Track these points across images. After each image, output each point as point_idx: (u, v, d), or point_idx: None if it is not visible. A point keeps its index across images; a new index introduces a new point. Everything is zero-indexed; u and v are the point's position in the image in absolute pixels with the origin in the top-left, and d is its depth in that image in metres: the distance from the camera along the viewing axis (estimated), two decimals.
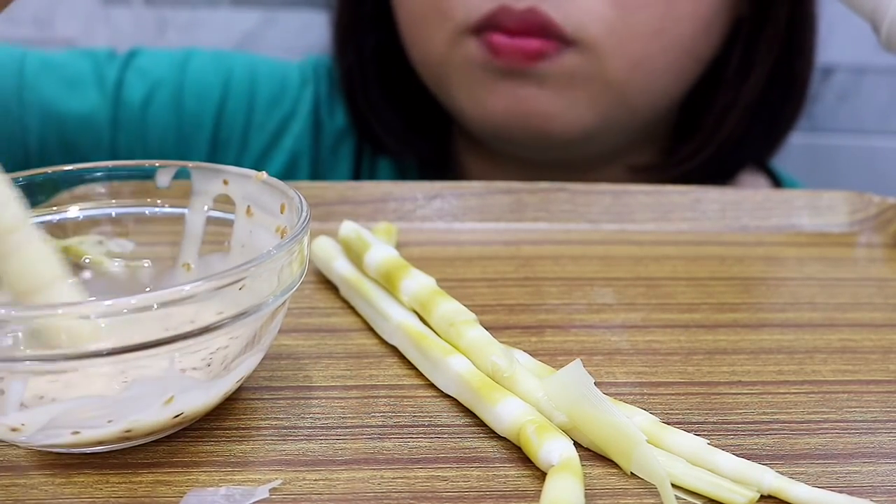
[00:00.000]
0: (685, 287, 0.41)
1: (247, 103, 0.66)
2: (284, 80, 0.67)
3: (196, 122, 0.64)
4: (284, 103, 0.66)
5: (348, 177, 0.67)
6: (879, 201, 0.47)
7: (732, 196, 0.48)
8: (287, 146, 0.66)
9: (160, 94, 0.64)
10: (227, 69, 0.66)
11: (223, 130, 0.65)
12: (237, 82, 0.65)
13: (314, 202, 0.44)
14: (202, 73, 0.65)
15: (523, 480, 0.28)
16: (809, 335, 0.37)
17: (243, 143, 0.65)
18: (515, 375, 0.31)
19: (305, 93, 0.67)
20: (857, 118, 0.83)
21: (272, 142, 0.66)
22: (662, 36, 0.54)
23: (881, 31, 0.44)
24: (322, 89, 0.67)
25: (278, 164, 0.65)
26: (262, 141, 0.66)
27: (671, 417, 0.31)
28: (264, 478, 0.28)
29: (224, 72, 0.65)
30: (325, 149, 0.67)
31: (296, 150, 0.66)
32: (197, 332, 0.27)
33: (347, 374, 0.34)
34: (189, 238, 0.35)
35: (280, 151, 0.66)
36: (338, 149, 0.67)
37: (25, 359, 0.26)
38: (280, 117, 0.66)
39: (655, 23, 0.53)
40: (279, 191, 0.33)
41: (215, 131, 0.65)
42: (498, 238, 0.46)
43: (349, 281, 0.38)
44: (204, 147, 0.65)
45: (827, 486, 0.28)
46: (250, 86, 0.66)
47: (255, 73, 0.66)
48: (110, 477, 0.28)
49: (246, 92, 0.66)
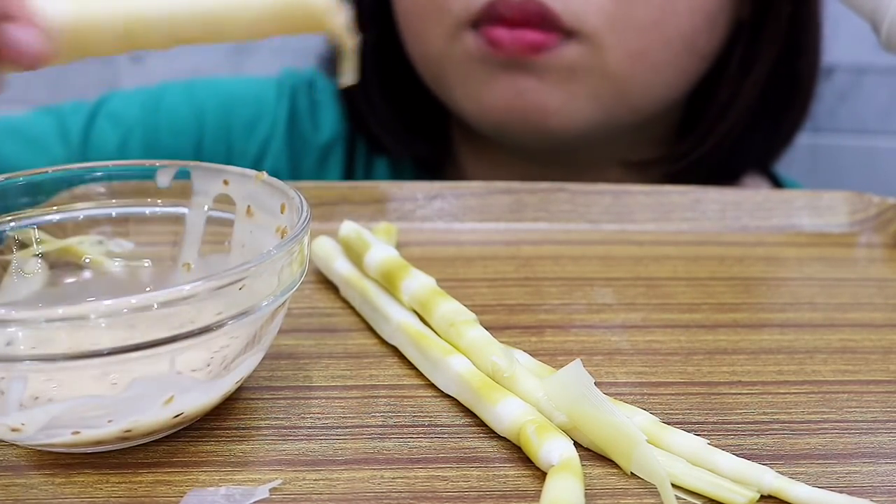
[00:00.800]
0: (685, 287, 0.41)
1: (224, 131, 0.65)
2: (259, 101, 0.66)
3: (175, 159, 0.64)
4: (262, 125, 0.66)
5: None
6: (879, 201, 0.47)
7: (732, 196, 0.48)
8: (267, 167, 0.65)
9: (134, 138, 0.63)
10: (200, 100, 0.65)
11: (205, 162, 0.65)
12: (211, 111, 0.65)
13: (314, 202, 0.44)
14: (175, 108, 0.65)
15: (523, 480, 0.28)
16: (809, 335, 0.37)
17: None
18: (515, 375, 0.31)
19: (280, 108, 0.66)
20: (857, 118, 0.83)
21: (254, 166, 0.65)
22: (662, 28, 0.54)
23: (881, 31, 0.44)
24: (301, 104, 0.67)
25: None
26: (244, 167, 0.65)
27: (671, 417, 0.31)
28: (264, 478, 0.28)
29: (197, 104, 0.65)
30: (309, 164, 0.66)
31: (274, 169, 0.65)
32: (197, 332, 0.27)
33: (347, 374, 0.34)
34: (189, 238, 0.35)
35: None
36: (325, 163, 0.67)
37: (25, 359, 0.26)
38: (259, 140, 0.65)
39: (655, 14, 0.53)
40: (279, 191, 0.33)
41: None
42: (498, 238, 0.46)
43: (349, 281, 0.38)
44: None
45: (827, 486, 0.28)
46: (225, 113, 0.65)
47: (230, 98, 0.66)
48: (110, 477, 0.28)
49: (222, 120, 0.65)
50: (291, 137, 0.66)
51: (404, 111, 0.64)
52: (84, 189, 0.36)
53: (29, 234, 0.35)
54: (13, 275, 0.34)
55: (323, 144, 0.66)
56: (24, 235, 0.35)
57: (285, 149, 0.66)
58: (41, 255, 0.35)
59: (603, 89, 0.55)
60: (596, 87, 0.55)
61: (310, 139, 0.66)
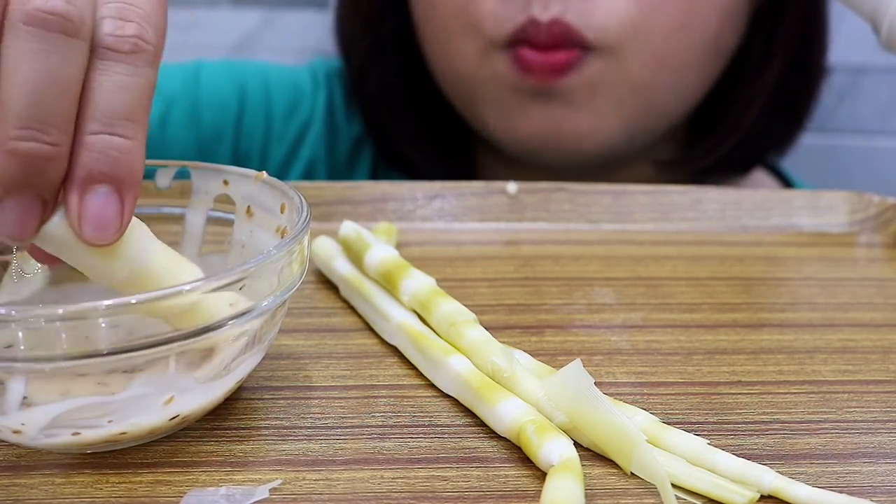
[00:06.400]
0: (685, 287, 0.41)
1: (264, 113, 0.64)
2: (298, 87, 0.65)
3: (216, 135, 0.63)
4: (301, 111, 0.65)
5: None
6: (879, 201, 0.47)
7: (732, 196, 0.48)
8: (305, 155, 0.65)
9: (176, 111, 0.62)
10: (241, 78, 0.64)
11: (244, 142, 0.64)
12: (253, 91, 0.64)
13: (314, 202, 0.44)
14: (216, 84, 0.63)
15: (523, 480, 0.28)
16: (809, 335, 0.37)
17: (264, 155, 0.64)
18: (515, 375, 0.31)
19: (319, 99, 0.66)
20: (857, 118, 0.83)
21: (291, 151, 0.65)
22: (686, 32, 0.54)
23: (881, 31, 0.44)
24: (336, 94, 0.66)
25: (296, 173, 0.64)
26: (282, 151, 0.64)
27: (671, 417, 0.31)
28: (264, 478, 0.28)
29: (238, 81, 0.64)
30: (342, 155, 0.66)
31: (312, 158, 0.65)
32: (197, 332, 0.27)
33: (347, 374, 0.34)
34: (189, 238, 0.35)
35: (298, 160, 0.64)
36: (357, 154, 0.66)
37: (25, 359, 0.26)
38: (298, 126, 0.65)
39: (678, 19, 0.53)
40: (279, 191, 0.33)
41: (236, 144, 0.63)
42: (498, 238, 0.46)
43: (349, 281, 0.38)
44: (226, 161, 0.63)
45: (827, 486, 0.28)
46: (266, 95, 0.64)
47: (268, 81, 0.65)
48: (110, 477, 0.28)
49: (262, 101, 0.64)
50: (329, 126, 0.66)
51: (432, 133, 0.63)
52: None
53: None
54: (13, 275, 0.34)
55: (356, 136, 0.66)
56: None
57: (323, 137, 0.65)
58: None
59: (627, 99, 0.55)
60: (620, 99, 0.55)
61: (344, 129, 0.66)
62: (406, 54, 0.61)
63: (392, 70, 0.62)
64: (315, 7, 0.81)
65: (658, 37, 0.53)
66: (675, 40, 0.53)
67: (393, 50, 0.62)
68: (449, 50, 0.57)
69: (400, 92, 0.62)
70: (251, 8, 0.82)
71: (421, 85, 0.62)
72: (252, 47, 0.83)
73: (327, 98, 0.66)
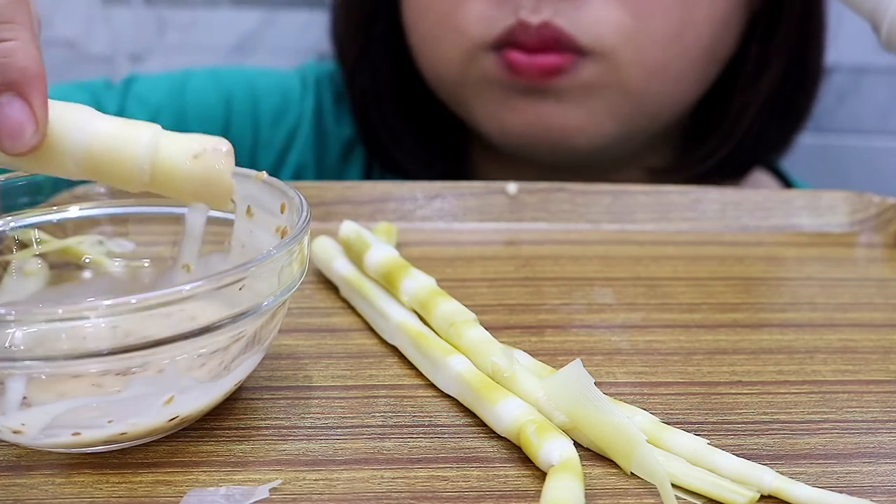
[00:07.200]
0: (685, 287, 0.41)
1: (251, 121, 0.64)
2: (285, 93, 0.65)
3: None
4: (289, 117, 0.65)
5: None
6: (879, 201, 0.47)
7: (732, 196, 0.48)
8: (293, 160, 0.65)
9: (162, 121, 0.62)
10: (227, 87, 0.64)
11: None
12: (239, 100, 0.64)
13: (314, 202, 0.44)
14: (202, 94, 0.64)
15: (523, 480, 0.28)
16: (809, 335, 0.37)
17: (252, 163, 0.64)
18: (515, 375, 0.31)
19: (307, 103, 0.66)
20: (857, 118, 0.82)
21: (280, 158, 0.65)
22: (681, 41, 0.53)
23: (881, 31, 0.44)
24: (325, 98, 0.66)
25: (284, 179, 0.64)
26: (270, 158, 0.64)
27: (671, 417, 0.31)
28: (264, 478, 0.28)
29: (224, 90, 0.64)
30: (332, 158, 0.66)
31: (301, 163, 0.65)
32: (197, 332, 0.27)
33: (347, 374, 0.34)
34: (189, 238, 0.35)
35: (287, 166, 0.64)
36: (348, 157, 0.66)
37: (25, 359, 0.26)
38: (286, 132, 0.65)
39: (674, 28, 0.53)
40: (279, 191, 0.33)
41: None
42: (498, 238, 0.46)
43: (349, 281, 0.38)
44: None
45: (827, 486, 0.28)
46: (252, 102, 0.64)
47: (255, 88, 0.65)
48: (110, 477, 0.28)
49: (249, 109, 0.64)
50: (317, 131, 0.66)
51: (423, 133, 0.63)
52: (84, 189, 0.36)
53: (29, 234, 0.35)
54: (13, 275, 0.34)
55: (347, 138, 0.66)
56: (24, 235, 0.35)
57: (311, 142, 0.65)
58: (41, 255, 0.35)
59: (622, 104, 0.55)
60: (615, 103, 0.55)
61: (334, 133, 0.66)
62: (397, 57, 0.61)
63: (383, 72, 0.62)
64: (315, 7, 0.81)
65: (653, 45, 0.53)
66: (671, 49, 0.53)
67: (384, 52, 0.62)
68: (437, 52, 0.57)
69: (390, 94, 0.62)
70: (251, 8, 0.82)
71: (412, 87, 0.62)
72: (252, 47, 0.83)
73: (316, 102, 0.66)
